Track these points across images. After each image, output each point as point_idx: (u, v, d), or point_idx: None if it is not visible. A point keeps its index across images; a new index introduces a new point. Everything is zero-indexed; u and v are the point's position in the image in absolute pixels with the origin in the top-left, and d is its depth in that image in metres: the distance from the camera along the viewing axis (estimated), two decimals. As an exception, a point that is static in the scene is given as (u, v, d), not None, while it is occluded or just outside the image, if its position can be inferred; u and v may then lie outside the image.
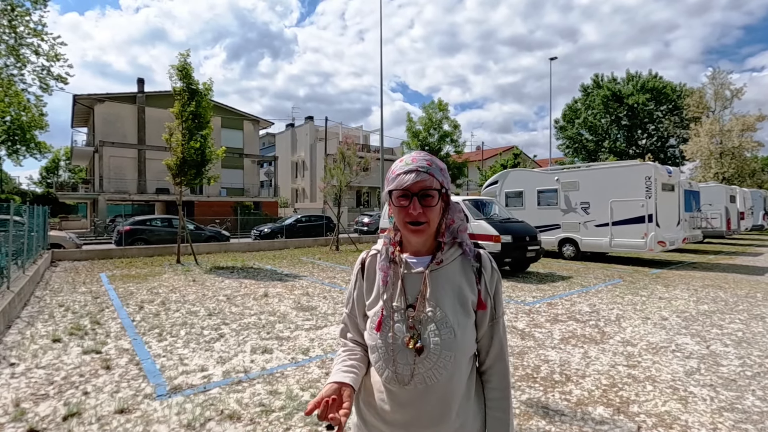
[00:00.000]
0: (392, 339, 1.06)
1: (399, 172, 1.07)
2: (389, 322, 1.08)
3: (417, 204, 1.05)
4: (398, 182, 1.06)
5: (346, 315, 1.25)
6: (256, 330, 5.11)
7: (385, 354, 1.07)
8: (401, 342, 1.05)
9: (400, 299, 1.09)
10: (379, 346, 1.08)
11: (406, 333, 1.05)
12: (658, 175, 10.57)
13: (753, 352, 4.30)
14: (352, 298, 1.22)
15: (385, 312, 1.09)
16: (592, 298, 6.94)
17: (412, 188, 1.05)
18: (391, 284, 1.11)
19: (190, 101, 10.84)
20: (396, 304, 1.09)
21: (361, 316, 1.20)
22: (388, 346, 1.06)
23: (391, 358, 1.06)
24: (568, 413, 3.04)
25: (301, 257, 13.20)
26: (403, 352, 1.05)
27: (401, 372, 1.04)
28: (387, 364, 1.07)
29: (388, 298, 1.10)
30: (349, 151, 16.00)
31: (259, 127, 35.57)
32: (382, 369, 1.08)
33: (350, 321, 1.24)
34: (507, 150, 42.65)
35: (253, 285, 8.19)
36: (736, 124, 28.55)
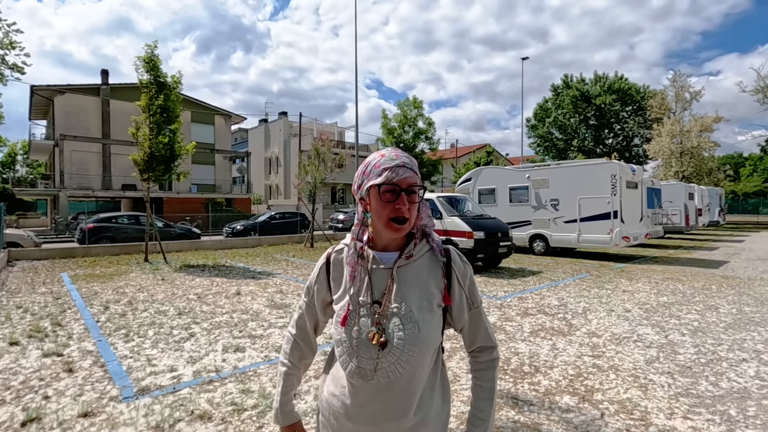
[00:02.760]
0: (357, 334, 1.06)
1: (386, 166, 1.05)
2: (355, 317, 1.08)
3: (405, 200, 1.04)
4: (387, 177, 1.04)
5: (305, 303, 1.26)
6: (228, 329, 5.02)
7: (349, 348, 1.07)
8: (365, 337, 1.05)
9: (367, 294, 1.09)
10: (344, 340, 1.08)
11: (370, 328, 1.06)
12: (623, 173, 10.99)
13: (707, 341, 4.56)
14: (313, 289, 1.23)
15: (351, 307, 1.09)
16: (560, 292, 7.17)
17: (401, 184, 1.04)
18: (359, 279, 1.11)
19: (158, 94, 10.48)
20: (362, 299, 1.09)
21: (320, 307, 1.23)
22: (352, 340, 1.06)
23: (355, 353, 1.06)
24: (537, 403, 3.14)
25: (275, 255, 13.03)
26: (366, 347, 1.05)
27: (364, 366, 1.05)
28: (350, 358, 1.07)
29: (355, 292, 1.10)
30: (323, 147, 15.87)
31: (231, 122, 34.81)
32: (345, 363, 1.08)
33: (307, 310, 1.26)
34: (480, 148, 43.33)
35: (225, 283, 8.03)
36: (694, 125, 30.01)
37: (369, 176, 1.08)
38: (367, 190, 1.08)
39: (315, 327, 1.28)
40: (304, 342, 1.28)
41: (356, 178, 1.14)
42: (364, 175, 1.10)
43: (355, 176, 1.14)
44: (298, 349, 1.28)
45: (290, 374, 1.26)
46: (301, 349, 1.28)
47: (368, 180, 1.08)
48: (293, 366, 1.27)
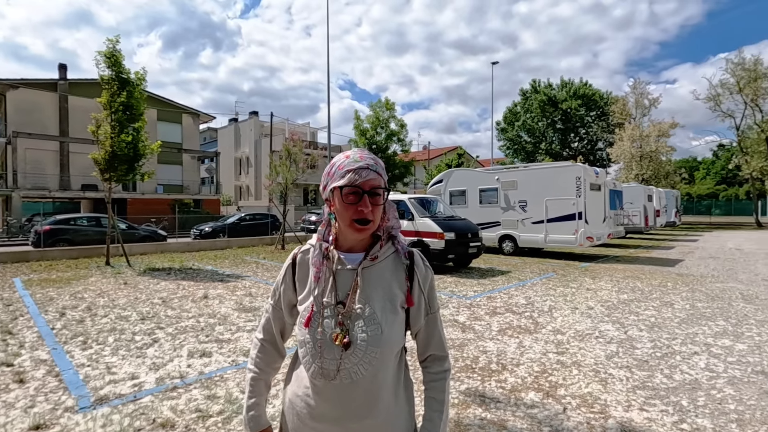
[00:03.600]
0: (320, 335, 1.06)
1: (349, 168, 1.05)
2: (318, 318, 1.07)
3: (368, 202, 1.05)
4: (349, 179, 1.04)
5: (271, 307, 1.24)
6: (195, 333, 4.88)
7: (312, 349, 1.07)
8: (329, 337, 1.06)
9: (331, 295, 1.09)
10: (307, 341, 1.08)
11: (334, 329, 1.06)
12: (587, 176, 11.41)
13: (663, 336, 4.79)
14: (279, 290, 1.22)
15: (315, 308, 1.08)
16: (528, 291, 7.37)
17: (364, 186, 1.04)
18: (323, 280, 1.10)
19: (121, 91, 10.07)
20: (326, 300, 1.09)
21: (286, 309, 1.21)
22: (316, 341, 1.06)
23: (318, 354, 1.06)
24: (503, 400, 3.21)
25: (245, 257, 12.77)
26: (330, 348, 1.05)
27: (327, 367, 1.05)
28: (314, 359, 1.06)
29: (319, 293, 1.10)
30: (295, 147, 15.70)
31: (200, 121, 33.86)
32: (309, 364, 1.08)
33: (274, 314, 1.23)
34: (452, 150, 43.95)
35: (192, 286, 7.80)
36: (653, 130, 31.55)
37: (333, 177, 1.08)
38: (331, 191, 1.09)
39: (282, 330, 1.25)
40: (272, 346, 1.25)
41: (322, 178, 1.14)
42: (328, 176, 1.11)
43: (322, 177, 1.15)
44: (265, 354, 1.24)
45: (258, 380, 1.22)
46: (268, 353, 1.25)
47: (332, 181, 1.08)
48: (261, 371, 1.23)
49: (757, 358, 4.08)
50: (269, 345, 1.24)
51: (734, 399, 3.21)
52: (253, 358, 1.24)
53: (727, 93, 31.63)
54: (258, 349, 1.25)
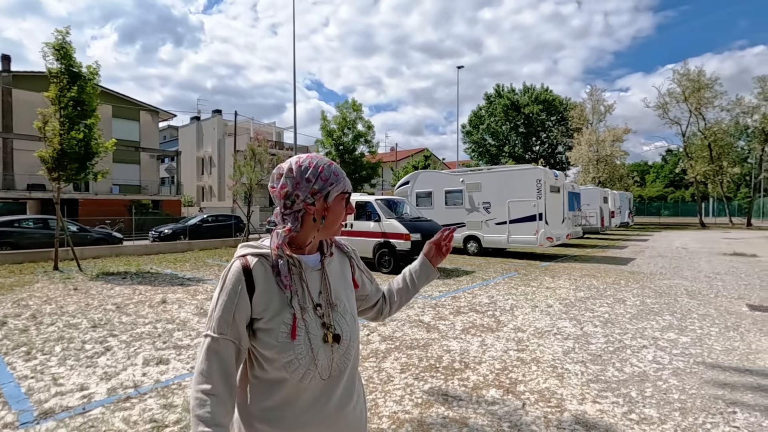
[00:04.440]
0: (310, 341, 1.04)
1: (342, 175, 1.13)
2: (303, 325, 1.04)
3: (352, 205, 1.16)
4: (348, 184, 1.13)
5: (221, 341, 0.99)
6: (151, 340, 4.68)
7: (305, 358, 1.03)
8: (320, 340, 1.06)
9: (308, 299, 1.08)
10: (298, 352, 1.02)
11: (321, 330, 1.07)
12: (547, 178, 11.84)
13: (615, 331, 5.04)
14: (233, 316, 1.00)
15: (297, 315, 1.04)
16: (491, 290, 7.55)
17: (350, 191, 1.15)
18: (298, 288, 1.07)
19: (71, 85, 9.52)
20: (305, 305, 1.07)
21: (244, 333, 1.03)
22: (308, 348, 1.04)
23: (313, 360, 1.04)
24: (465, 398, 3.28)
25: (207, 259, 12.37)
26: (322, 349, 1.06)
27: (321, 367, 1.06)
28: (308, 367, 1.03)
29: (297, 301, 1.05)
30: (260, 147, 15.40)
31: (159, 118, 32.54)
32: (300, 373, 1.03)
33: (227, 349, 1.00)
34: (419, 152, 44.43)
35: (149, 291, 7.48)
36: (608, 136, 33.19)
37: (333, 183, 1.10)
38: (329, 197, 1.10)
39: (236, 366, 1.04)
40: (228, 396, 1.00)
41: (307, 183, 1.07)
42: (323, 180, 1.07)
43: (305, 180, 1.07)
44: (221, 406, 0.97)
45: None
46: (225, 405, 0.98)
47: (335, 187, 1.10)
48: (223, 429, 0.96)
49: (699, 350, 4.37)
50: (226, 393, 0.99)
51: (678, 389, 3.42)
52: (205, 418, 0.94)
53: (674, 101, 33.78)
54: (210, 405, 0.95)
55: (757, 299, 6.73)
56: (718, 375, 3.71)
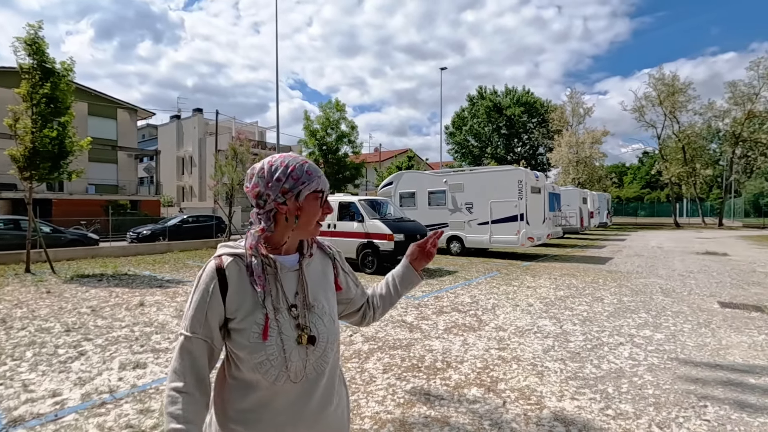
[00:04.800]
0: (283, 342, 1.03)
1: (317, 173, 1.11)
2: (275, 325, 1.04)
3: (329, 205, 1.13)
4: (322, 183, 1.10)
5: (195, 339, 1.01)
6: (128, 343, 4.57)
7: (277, 359, 1.03)
8: (293, 341, 1.05)
9: (282, 300, 1.07)
10: (270, 353, 1.02)
11: (294, 331, 1.06)
12: (528, 179, 12.03)
13: (593, 329, 5.15)
14: (204, 315, 1.02)
15: (269, 317, 1.04)
16: (473, 290, 7.62)
17: (326, 189, 1.13)
18: (272, 288, 1.07)
19: (44, 82, 9.21)
20: (278, 306, 1.06)
21: (217, 333, 1.04)
22: (280, 350, 1.03)
23: (285, 362, 1.03)
24: (447, 397, 3.30)
25: (187, 261, 12.14)
26: (295, 351, 1.04)
27: (294, 369, 1.04)
28: (280, 369, 1.03)
29: (270, 301, 1.05)
30: (242, 147, 15.21)
31: (138, 117, 31.81)
32: (272, 375, 1.03)
33: (200, 348, 1.02)
34: (402, 152, 44.55)
35: (126, 293, 7.30)
36: (587, 138, 33.94)
37: (305, 182, 1.08)
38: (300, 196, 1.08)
39: (210, 366, 1.06)
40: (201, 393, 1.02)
41: (278, 182, 1.07)
42: (294, 179, 1.07)
43: (275, 179, 1.07)
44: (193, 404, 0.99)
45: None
46: (198, 403, 1.01)
47: (306, 186, 1.08)
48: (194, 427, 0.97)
49: (672, 346, 4.50)
50: (198, 392, 1.00)
51: (652, 384, 3.52)
52: (176, 415, 0.96)
53: (649, 105, 34.78)
54: (182, 403, 0.97)
55: (728, 297, 6.97)
56: (691, 370, 3.83)
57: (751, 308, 6.16)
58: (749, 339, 4.73)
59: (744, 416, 2.96)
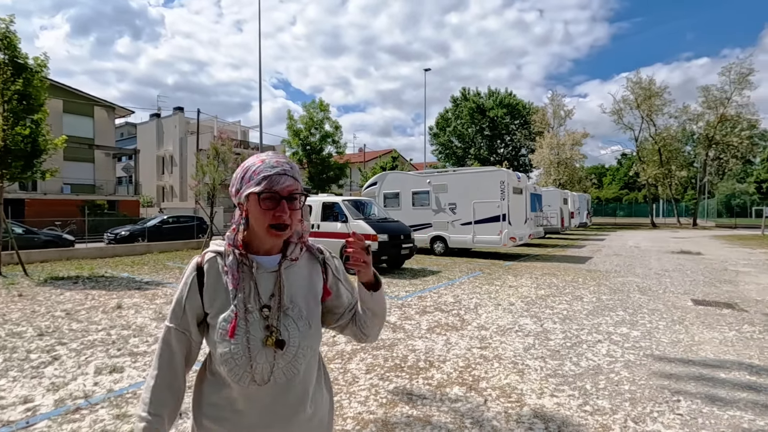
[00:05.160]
0: (248, 341, 1.04)
1: (266, 173, 1.04)
2: (243, 324, 1.05)
3: (286, 207, 1.04)
4: (267, 184, 1.03)
5: (174, 330, 1.08)
6: (104, 347, 4.45)
7: (242, 358, 1.03)
8: (260, 342, 1.04)
9: (255, 300, 1.07)
10: (234, 351, 1.03)
11: (263, 332, 1.05)
12: (510, 180, 12.19)
13: (572, 327, 5.25)
14: (183, 307, 1.08)
15: (239, 315, 1.05)
16: (456, 290, 7.69)
17: (282, 192, 1.04)
18: (244, 286, 1.08)
19: (16, 78, 8.91)
20: (250, 305, 1.06)
21: (194, 327, 1.10)
22: (245, 349, 1.03)
23: (249, 362, 1.03)
24: (429, 396, 3.32)
25: (167, 262, 11.91)
26: (261, 352, 1.04)
27: (260, 371, 1.04)
28: (244, 368, 1.03)
29: (241, 300, 1.06)
30: (224, 146, 14.98)
31: (116, 115, 31.04)
32: (237, 374, 1.04)
33: (178, 338, 1.08)
34: (387, 153, 44.62)
35: (103, 296, 7.11)
36: (568, 139, 34.59)
37: (248, 183, 1.06)
38: (246, 197, 1.07)
39: (188, 357, 1.12)
40: (170, 382, 1.07)
41: (234, 182, 1.10)
42: (243, 180, 1.08)
43: (233, 180, 1.11)
44: (162, 395, 1.06)
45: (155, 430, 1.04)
46: (165, 392, 1.07)
47: (247, 187, 1.06)
48: (157, 418, 1.04)
49: (648, 342, 4.62)
50: (166, 382, 1.07)
51: (628, 380, 3.61)
52: (146, 402, 1.05)
53: (627, 108, 35.68)
54: (152, 389, 1.06)
55: (701, 294, 7.20)
56: (665, 366, 3.94)
57: (723, 305, 6.37)
58: (720, 335, 4.89)
59: (714, 410, 3.07)
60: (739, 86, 31.84)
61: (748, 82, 31.58)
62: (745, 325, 5.29)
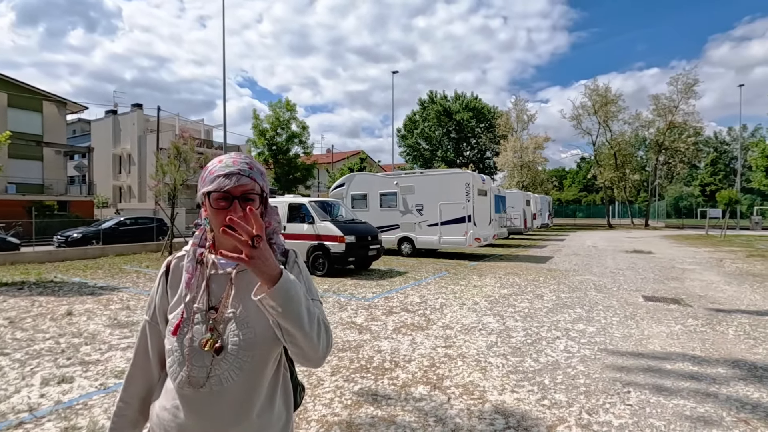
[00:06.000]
0: (189, 342, 1.03)
1: (219, 173, 1.02)
2: (188, 324, 1.05)
3: (238, 207, 1.02)
4: (218, 184, 1.02)
5: (147, 323, 1.16)
6: (52, 357, 4.20)
7: (180, 357, 1.04)
8: (198, 344, 1.03)
9: (203, 300, 1.06)
10: (175, 349, 1.05)
11: (204, 335, 1.03)
12: (475, 182, 12.47)
13: (533, 324, 5.44)
14: (154, 303, 1.15)
15: (185, 314, 1.06)
16: (422, 290, 7.78)
17: (234, 191, 1.02)
18: (196, 286, 1.08)
19: (-47, 69, 8.27)
20: (198, 305, 1.06)
21: (162, 321, 1.14)
22: (183, 349, 1.03)
23: (186, 362, 1.03)
24: (394, 396, 3.34)
25: (124, 266, 11.37)
26: (199, 354, 1.03)
27: (195, 375, 1.02)
28: (181, 368, 1.03)
29: (191, 299, 1.06)
30: (186, 145, 14.47)
31: (67, 110, 29.35)
32: (175, 373, 1.04)
33: (151, 330, 1.15)
34: (355, 154, 44.55)
35: (51, 302, 6.70)
36: (531, 143, 35.78)
37: (204, 182, 1.05)
38: (203, 196, 1.06)
39: (161, 349, 1.12)
40: (143, 371, 1.15)
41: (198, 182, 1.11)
42: (201, 180, 1.07)
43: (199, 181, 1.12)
44: (134, 382, 1.16)
45: (122, 416, 1.15)
46: (138, 381, 1.16)
47: (203, 186, 1.05)
48: (127, 405, 1.15)
49: (603, 338, 4.85)
50: (140, 371, 1.16)
51: (584, 374, 3.77)
52: (122, 388, 1.17)
53: (585, 114, 37.30)
54: (126, 377, 1.17)
55: (651, 291, 7.62)
56: (617, 360, 4.15)
57: (670, 301, 6.78)
58: (667, 329, 5.20)
59: (661, 399, 3.26)
60: (685, 95, 34.08)
61: (693, 91, 33.90)
62: (690, 319, 5.65)
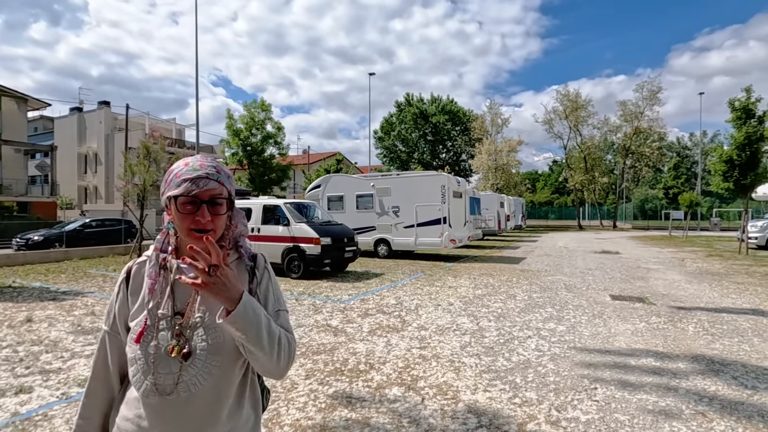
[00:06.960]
0: (154, 349, 1.01)
1: (186, 177, 1.01)
2: (152, 331, 1.02)
3: (206, 212, 1.01)
4: (185, 188, 1.00)
5: (106, 334, 1.12)
6: (9, 366, 4.00)
7: (144, 366, 1.01)
8: (164, 351, 1.01)
9: (167, 306, 1.04)
10: (138, 357, 1.01)
11: (170, 341, 1.01)
12: (450, 184, 12.62)
13: (506, 324, 5.54)
14: (114, 311, 1.11)
15: (148, 321, 1.03)
16: (398, 292, 7.81)
17: (201, 195, 1.01)
18: (159, 291, 1.05)
19: None
20: (162, 311, 1.04)
21: (123, 330, 1.10)
22: (148, 357, 1.00)
23: (152, 370, 1.00)
24: (369, 398, 3.34)
25: (89, 269, 10.93)
26: (165, 361, 1.00)
27: (162, 382, 1.00)
28: (146, 376, 1.00)
29: (154, 306, 1.04)
30: (156, 145, 14.05)
31: (28, 107, 28.03)
32: (140, 382, 1.01)
33: (111, 341, 1.11)
34: (331, 155, 44.31)
35: (9, 308, 6.38)
36: (505, 146, 36.54)
37: (169, 186, 1.03)
38: (168, 200, 1.03)
39: (121, 360, 1.09)
40: (104, 385, 1.11)
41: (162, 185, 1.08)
42: (166, 183, 1.05)
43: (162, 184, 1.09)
44: (94, 397, 1.12)
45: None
46: (98, 395, 1.12)
47: (168, 189, 1.03)
48: (87, 421, 1.11)
49: (572, 336, 5.00)
50: (100, 384, 1.12)
51: (554, 372, 3.87)
52: (80, 405, 1.13)
53: (557, 118, 38.37)
54: (85, 392, 1.13)
55: (618, 290, 7.90)
56: (585, 357, 4.28)
57: (635, 300, 7.05)
58: (632, 326, 5.41)
59: (625, 394, 3.39)
60: (650, 102, 35.55)
61: (657, 98, 35.41)
62: (653, 317, 5.89)
